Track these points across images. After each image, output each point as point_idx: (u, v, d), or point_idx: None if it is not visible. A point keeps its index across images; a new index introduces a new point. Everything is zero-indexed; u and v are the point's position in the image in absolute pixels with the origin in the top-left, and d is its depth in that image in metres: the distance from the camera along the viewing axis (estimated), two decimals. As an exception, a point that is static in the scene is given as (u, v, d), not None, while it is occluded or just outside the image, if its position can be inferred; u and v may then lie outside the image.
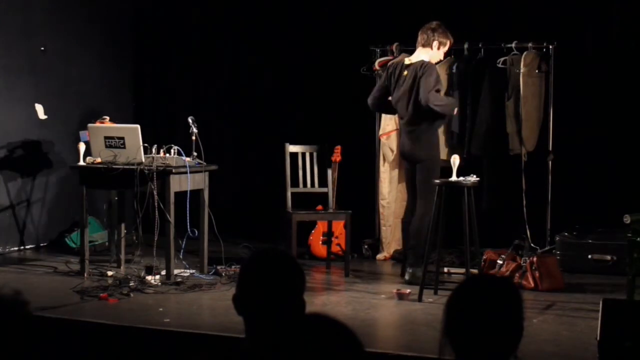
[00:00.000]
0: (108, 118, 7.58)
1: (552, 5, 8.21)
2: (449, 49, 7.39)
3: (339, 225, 7.87)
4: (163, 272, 7.03)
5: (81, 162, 7.26)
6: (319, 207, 7.79)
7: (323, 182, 7.71)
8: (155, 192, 6.88)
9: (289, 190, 7.66)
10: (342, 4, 9.01)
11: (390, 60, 8.24)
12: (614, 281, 6.90)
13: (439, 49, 7.15)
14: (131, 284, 6.76)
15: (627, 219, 5.99)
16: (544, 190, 7.91)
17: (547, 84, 7.93)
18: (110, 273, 7.18)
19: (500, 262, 6.99)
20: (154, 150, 7.08)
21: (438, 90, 6.97)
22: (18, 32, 8.60)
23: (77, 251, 7.65)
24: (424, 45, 7.17)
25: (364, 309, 6.24)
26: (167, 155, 7.06)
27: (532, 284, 6.81)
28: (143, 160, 6.94)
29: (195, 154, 7.15)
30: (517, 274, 6.86)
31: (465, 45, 7.99)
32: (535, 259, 6.87)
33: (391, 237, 8.25)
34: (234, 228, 8.50)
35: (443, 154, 7.99)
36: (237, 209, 9.21)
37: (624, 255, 6.36)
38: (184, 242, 7.32)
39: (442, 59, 7.37)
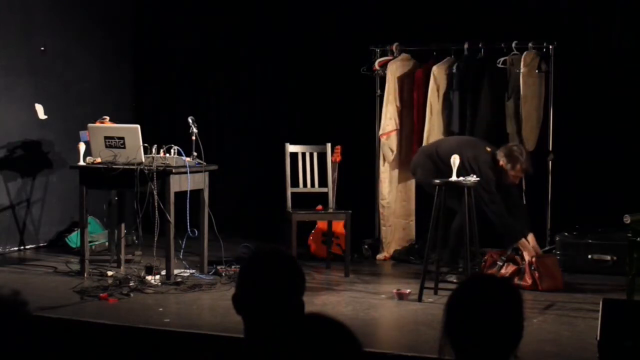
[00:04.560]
0: (108, 118, 7.58)
1: (552, 5, 8.21)
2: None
3: (339, 225, 7.87)
4: (163, 272, 7.03)
5: (81, 162, 7.25)
6: (319, 207, 7.79)
7: (323, 182, 7.71)
8: (155, 192, 6.88)
9: (289, 190, 7.66)
10: (342, 4, 9.01)
11: (390, 60, 8.26)
12: (614, 281, 6.90)
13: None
14: (131, 284, 6.76)
15: (627, 219, 5.99)
16: (544, 190, 7.91)
17: (547, 84, 7.93)
18: (110, 273, 7.18)
19: (500, 263, 6.98)
20: (154, 150, 7.08)
21: None
22: (18, 32, 8.60)
23: (77, 251, 7.65)
24: None
25: (364, 309, 6.24)
26: (167, 155, 7.05)
27: (532, 284, 6.80)
28: (143, 160, 6.93)
29: (195, 154, 7.15)
30: (516, 277, 6.85)
31: (465, 45, 7.99)
32: (534, 259, 6.87)
33: (391, 237, 8.25)
34: (234, 228, 8.50)
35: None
36: (237, 209, 9.21)
37: (624, 255, 6.36)
38: (184, 242, 7.33)
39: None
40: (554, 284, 6.87)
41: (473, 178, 6.61)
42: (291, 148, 7.73)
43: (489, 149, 7.08)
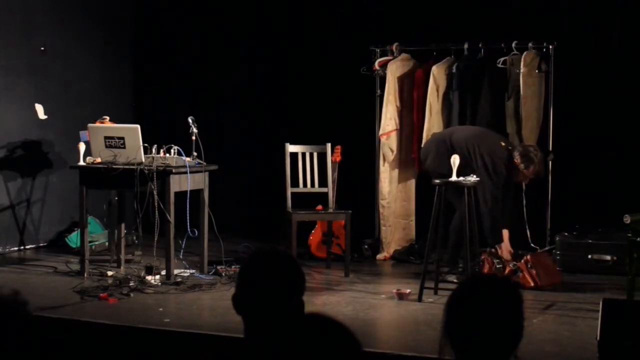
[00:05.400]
0: (108, 118, 7.58)
1: (552, 5, 8.21)
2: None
3: (339, 225, 7.87)
4: (163, 272, 7.03)
5: (81, 162, 7.25)
6: (319, 207, 7.79)
7: (323, 182, 7.71)
8: (155, 192, 6.88)
9: (289, 190, 7.66)
10: (342, 4, 9.01)
11: (390, 60, 8.26)
12: (614, 281, 6.91)
13: None
14: (131, 284, 6.76)
15: (627, 219, 5.99)
16: (544, 190, 7.91)
17: (547, 84, 7.94)
18: (110, 273, 7.18)
19: (499, 266, 6.97)
20: (154, 150, 7.08)
21: None
22: (18, 32, 8.60)
23: (77, 251, 7.65)
24: None
25: (364, 309, 6.24)
26: (167, 155, 7.06)
27: (532, 283, 6.81)
28: (143, 160, 6.94)
29: (195, 154, 7.15)
30: (513, 277, 6.86)
31: (465, 45, 8.00)
32: (529, 257, 6.88)
33: (391, 237, 8.25)
34: (234, 228, 8.50)
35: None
36: (237, 209, 9.21)
37: (624, 255, 6.36)
38: (184, 242, 7.33)
39: None
40: (552, 279, 6.90)
41: (473, 178, 6.61)
42: (291, 148, 7.73)
43: (503, 144, 7.09)
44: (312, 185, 7.74)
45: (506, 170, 6.97)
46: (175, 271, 7.11)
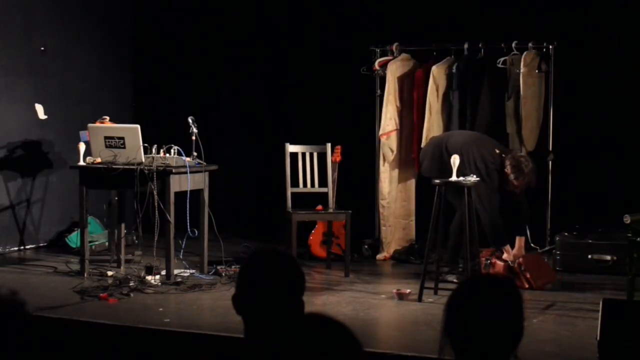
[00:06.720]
0: (108, 118, 7.58)
1: (552, 5, 8.22)
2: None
3: (339, 225, 7.87)
4: (163, 272, 7.03)
5: (81, 162, 7.25)
6: (319, 207, 7.79)
7: (323, 182, 7.71)
8: (155, 192, 6.88)
9: (289, 190, 7.66)
10: (342, 4, 9.02)
11: (390, 60, 8.26)
12: (614, 281, 6.90)
13: None
14: (131, 284, 6.76)
15: (627, 219, 5.99)
16: (544, 190, 7.91)
17: (547, 84, 7.94)
18: (110, 273, 7.18)
19: (487, 262, 6.98)
20: (154, 150, 7.08)
21: None
22: (18, 32, 8.60)
23: (77, 251, 7.65)
24: None
25: (364, 309, 6.24)
26: (167, 155, 7.06)
27: (526, 285, 6.81)
28: (143, 160, 6.94)
29: (195, 154, 7.15)
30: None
31: (465, 45, 8.00)
32: (521, 260, 6.89)
33: (391, 237, 8.25)
34: (234, 228, 8.50)
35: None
36: (237, 209, 9.21)
37: (624, 255, 6.36)
38: (184, 242, 7.33)
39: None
40: (547, 278, 6.92)
41: (473, 178, 6.60)
42: (291, 148, 7.73)
43: (497, 151, 7.07)
44: (312, 185, 7.74)
45: (498, 177, 6.96)
46: (175, 271, 7.11)
